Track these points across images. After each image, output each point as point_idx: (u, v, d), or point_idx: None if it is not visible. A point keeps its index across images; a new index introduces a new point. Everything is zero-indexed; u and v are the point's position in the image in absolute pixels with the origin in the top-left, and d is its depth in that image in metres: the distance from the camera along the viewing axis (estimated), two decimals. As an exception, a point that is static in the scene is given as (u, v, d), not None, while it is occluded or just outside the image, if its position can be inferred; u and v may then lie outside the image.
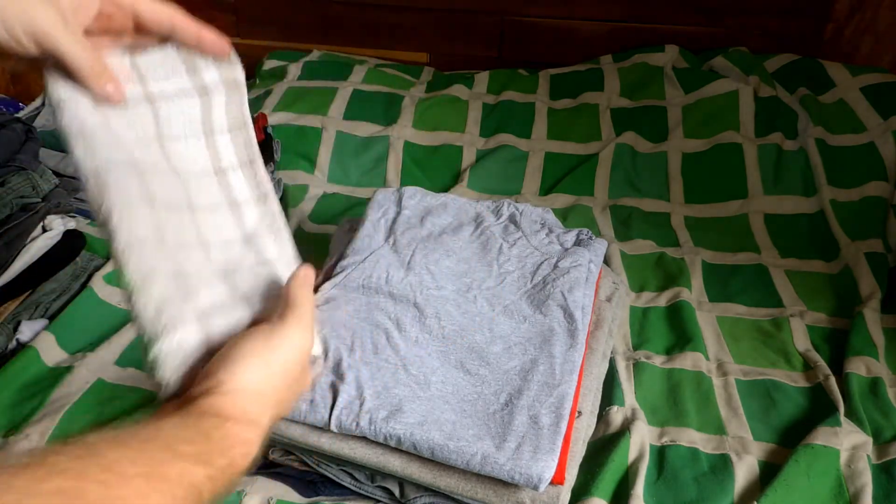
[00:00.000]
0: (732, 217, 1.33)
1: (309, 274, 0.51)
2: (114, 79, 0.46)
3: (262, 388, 0.44)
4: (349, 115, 1.51)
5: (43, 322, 1.02)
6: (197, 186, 0.49)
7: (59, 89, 0.45)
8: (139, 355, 0.98)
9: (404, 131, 1.50)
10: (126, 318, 1.05)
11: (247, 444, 0.41)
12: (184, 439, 0.37)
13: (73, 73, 0.45)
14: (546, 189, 1.42)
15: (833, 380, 0.94)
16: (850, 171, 1.33)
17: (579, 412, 0.81)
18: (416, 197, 1.09)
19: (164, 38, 0.49)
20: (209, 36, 0.49)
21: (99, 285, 1.09)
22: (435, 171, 1.46)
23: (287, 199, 1.37)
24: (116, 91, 0.47)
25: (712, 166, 1.41)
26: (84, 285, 1.09)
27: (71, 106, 0.45)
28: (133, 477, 0.31)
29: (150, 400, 0.88)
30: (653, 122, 1.50)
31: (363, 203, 1.28)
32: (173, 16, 0.48)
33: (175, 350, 0.44)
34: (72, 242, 1.13)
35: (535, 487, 0.69)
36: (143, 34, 0.49)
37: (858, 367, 0.96)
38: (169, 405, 0.42)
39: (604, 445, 0.84)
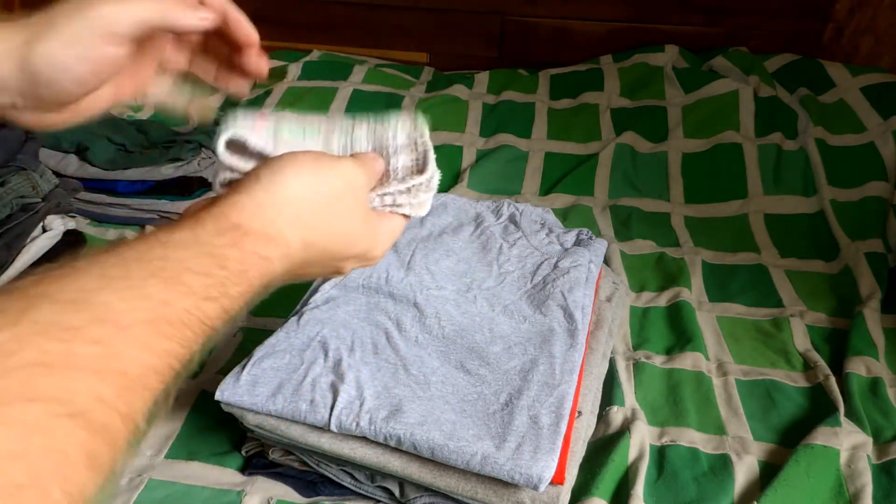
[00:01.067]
0: (732, 217, 1.33)
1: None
2: (193, 5, 0.42)
3: (296, 201, 0.38)
4: (349, 115, 1.51)
5: (43, 322, 1.02)
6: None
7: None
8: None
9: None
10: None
11: (266, 262, 0.36)
12: (195, 269, 0.32)
13: (161, 27, 0.41)
14: (546, 189, 1.42)
15: (833, 380, 0.94)
16: (850, 171, 1.33)
17: (579, 412, 0.81)
18: (416, 197, 1.09)
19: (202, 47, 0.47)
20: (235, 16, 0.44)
21: (99, 285, 1.09)
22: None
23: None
24: (209, 12, 0.42)
25: (712, 166, 1.41)
26: (84, 285, 1.09)
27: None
28: (133, 325, 0.27)
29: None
30: (653, 122, 1.50)
31: (363, 203, 1.28)
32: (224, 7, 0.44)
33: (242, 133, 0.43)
34: (72, 242, 1.13)
35: (535, 487, 0.69)
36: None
37: (858, 367, 0.96)
38: (188, 216, 0.37)
39: (604, 445, 0.84)
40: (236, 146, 0.44)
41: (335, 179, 0.41)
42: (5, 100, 0.40)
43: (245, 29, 0.45)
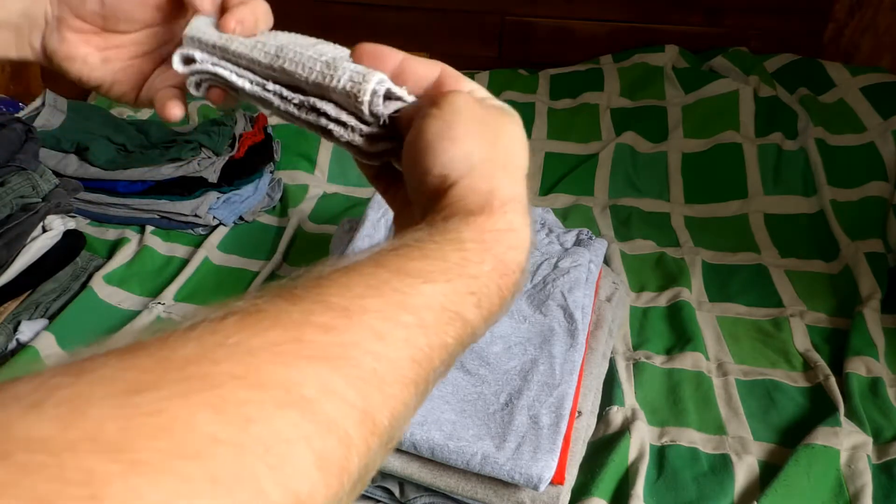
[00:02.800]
0: (732, 217, 1.33)
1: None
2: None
3: (494, 156, 0.34)
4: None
5: (43, 322, 1.02)
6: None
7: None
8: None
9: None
10: (126, 318, 1.05)
11: (512, 233, 0.33)
12: (427, 255, 0.28)
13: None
14: (546, 189, 1.42)
15: (833, 380, 0.94)
16: (850, 171, 1.33)
17: (579, 412, 0.81)
18: (416, 197, 1.09)
19: None
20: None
21: (99, 285, 1.09)
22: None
23: (287, 199, 1.37)
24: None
25: (712, 166, 1.41)
26: (84, 285, 1.09)
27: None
28: (366, 313, 0.24)
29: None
30: (653, 122, 1.50)
31: (363, 203, 1.28)
32: None
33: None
34: (72, 242, 1.13)
35: (535, 487, 0.69)
36: None
37: (858, 367, 0.96)
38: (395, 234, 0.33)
39: (604, 445, 0.84)
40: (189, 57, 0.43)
41: (477, 110, 0.36)
42: (53, 12, 0.41)
43: None
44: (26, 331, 0.99)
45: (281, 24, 0.50)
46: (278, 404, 0.20)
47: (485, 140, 0.34)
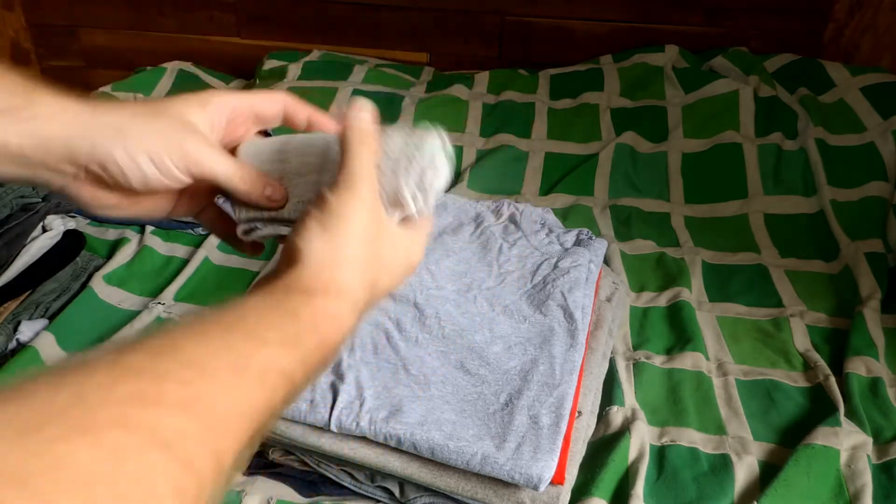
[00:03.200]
0: (732, 217, 1.33)
1: (363, 114, 0.47)
2: (270, 183, 0.47)
3: (345, 255, 0.40)
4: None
5: (43, 322, 1.02)
6: None
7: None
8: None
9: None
10: (126, 318, 1.05)
11: (338, 319, 0.38)
12: (269, 324, 0.34)
13: (230, 189, 0.46)
14: (546, 189, 1.42)
15: (833, 380, 0.94)
16: (850, 171, 1.33)
17: (579, 412, 0.81)
18: (416, 197, 1.09)
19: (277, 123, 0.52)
20: (319, 117, 0.52)
21: (99, 285, 1.09)
22: (435, 171, 1.46)
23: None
24: (275, 192, 0.48)
25: (712, 166, 1.41)
26: (84, 285, 1.09)
27: None
28: (216, 371, 0.29)
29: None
30: (653, 122, 1.50)
31: (363, 203, 1.28)
32: (286, 102, 0.50)
33: None
34: (72, 242, 1.13)
35: (535, 487, 0.69)
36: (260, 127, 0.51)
37: (858, 367, 0.96)
38: (255, 288, 0.39)
39: (604, 445, 0.84)
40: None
41: (353, 217, 0.42)
42: (70, 170, 0.42)
43: (305, 118, 0.53)
44: (26, 331, 0.99)
45: (281, 23, 0.52)
46: (147, 444, 0.23)
47: (355, 238, 0.41)
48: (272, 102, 0.50)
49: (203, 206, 0.51)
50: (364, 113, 0.46)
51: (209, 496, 0.25)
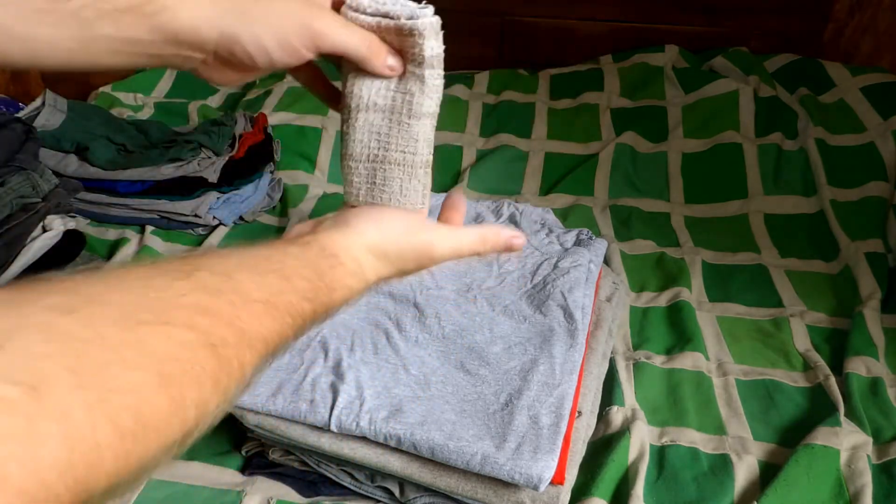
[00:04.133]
0: (732, 217, 1.33)
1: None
2: (392, 53, 0.49)
3: (375, 246, 0.46)
4: None
5: (43, 322, 1.02)
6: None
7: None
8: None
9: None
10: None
11: (348, 290, 0.44)
12: (301, 274, 0.40)
13: (356, 59, 0.47)
14: (546, 189, 1.42)
15: (833, 380, 0.94)
16: (850, 171, 1.33)
17: (579, 412, 0.81)
18: (416, 197, 1.09)
19: None
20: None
21: (99, 285, 1.09)
22: (435, 171, 1.45)
23: (287, 199, 1.37)
24: (398, 63, 0.49)
25: (712, 166, 1.41)
26: (84, 285, 1.09)
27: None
28: (255, 301, 0.36)
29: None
30: (653, 122, 1.50)
31: (363, 203, 1.28)
32: None
33: None
34: (72, 242, 1.13)
35: (535, 487, 0.69)
36: None
37: (858, 367, 0.96)
38: (301, 231, 0.47)
39: (604, 445, 0.84)
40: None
41: (405, 224, 0.49)
42: (199, 56, 0.44)
43: None
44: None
45: None
46: (202, 343, 0.31)
47: (392, 245, 0.48)
48: None
49: (304, 64, 0.51)
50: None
51: (232, 392, 0.33)
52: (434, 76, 0.50)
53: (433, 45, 0.50)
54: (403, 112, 0.50)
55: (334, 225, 0.47)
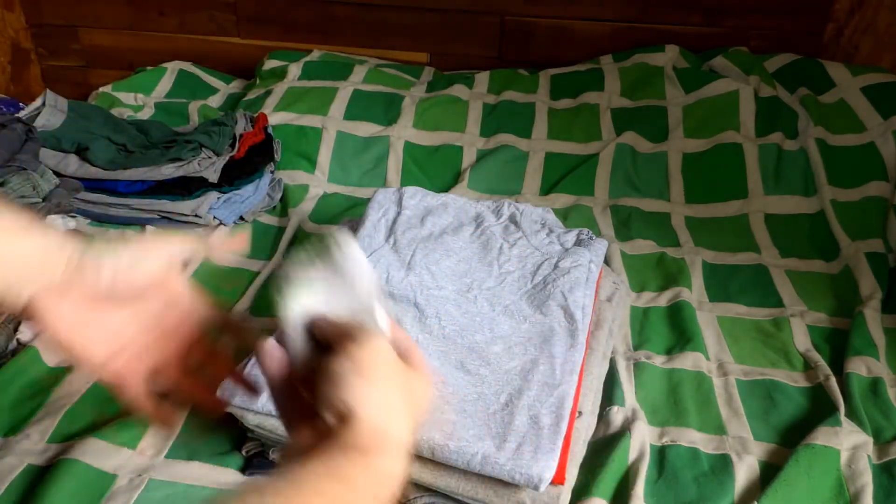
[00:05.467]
0: (732, 217, 1.33)
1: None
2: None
3: (391, 402, 0.41)
4: (349, 115, 1.51)
5: (43, 322, 1.02)
6: None
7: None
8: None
9: (405, 131, 1.50)
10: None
11: (394, 476, 0.41)
12: (322, 490, 0.36)
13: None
14: (546, 189, 1.42)
15: (833, 380, 0.94)
16: (850, 171, 1.33)
17: (580, 412, 0.81)
18: (417, 197, 1.09)
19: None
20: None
21: (99, 285, 1.09)
22: (435, 171, 1.46)
23: (287, 199, 1.37)
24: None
25: (712, 166, 1.41)
26: (84, 285, 1.09)
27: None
28: None
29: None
30: (653, 122, 1.50)
31: (363, 203, 1.28)
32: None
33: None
34: (72, 242, 1.13)
35: (536, 487, 0.69)
36: None
37: (859, 367, 0.96)
38: (311, 452, 0.39)
39: (604, 445, 0.84)
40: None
41: (391, 356, 0.43)
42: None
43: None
44: (26, 331, 0.99)
45: (281, 23, 0.51)
46: None
47: (390, 385, 0.42)
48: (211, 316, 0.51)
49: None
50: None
51: None
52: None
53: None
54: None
55: (337, 420, 0.40)
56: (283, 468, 0.37)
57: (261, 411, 0.76)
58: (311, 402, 0.42)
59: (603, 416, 0.88)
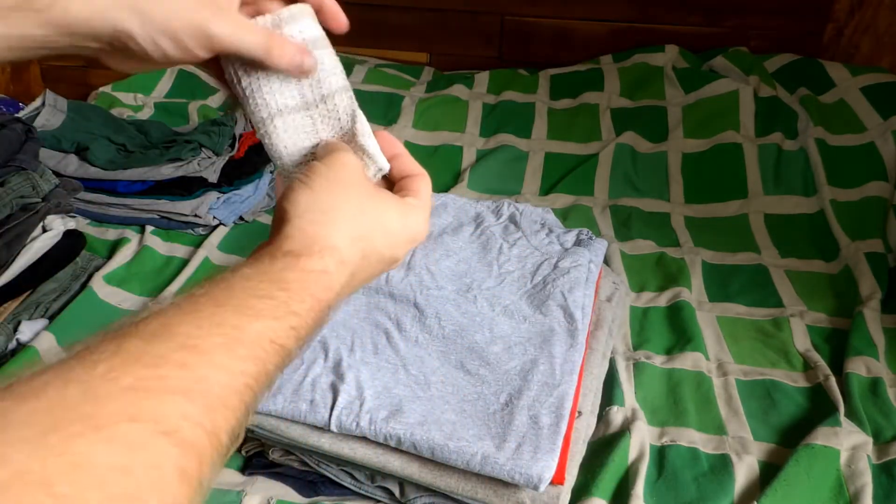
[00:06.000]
0: (732, 217, 1.33)
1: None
2: (300, 48, 0.46)
3: (328, 209, 0.41)
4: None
5: (43, 322, 1.02)
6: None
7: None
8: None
9: (404, 131, 1.50)
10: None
11: (325, 275, 0.39)
12: (258, 294, 0.35)
13: (256, 59, 0.45)
14: (546, 189, 1.42)
15: (833, 380, 0.94)
16: (850, 171, 1.33)
17: (579, 412, 0.81)
18: (416, 197, 1.09)
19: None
20: (332, 5, 0.49)
21: (99, 285, 1.09)
22: (435, 171, 1.45)
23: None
24: (307, 60, 0.46)
25: (712, 166, 1.41)
26: (84, 285, 1.09)
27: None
28: (211, 350, 0.30)
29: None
30: (653, 122, 1.50)
31: (363, 203, 1.28)
32: None
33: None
34: (72, 242, 1.13)
35: (535, 487, 0.69)
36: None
37: (858, 367, 0.96)
38: (249, 257, 0.40)
39: (604, 445, 0.84)
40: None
41: (352, 175, 0.44)
42: (96, 46, 0.42)
43: (339, 20, 0.49)
44: (26, 331, 0.99)
45: None
46: (153, 433, 0.25)
47: (339, 197, 0.42)
48: None
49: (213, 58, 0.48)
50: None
51: (209, 472, 0.27)
52: (325, 56, 0.48)
53: (304, 28, 0.47)
54: (318, 100, 0.48)
55: (275, 227, 0.42)
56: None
57: (260, 411, 0.76)
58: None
59: (603, 416, 0.88)
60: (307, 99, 0.48)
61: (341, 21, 0.49)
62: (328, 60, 0.48)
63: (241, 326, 0.32)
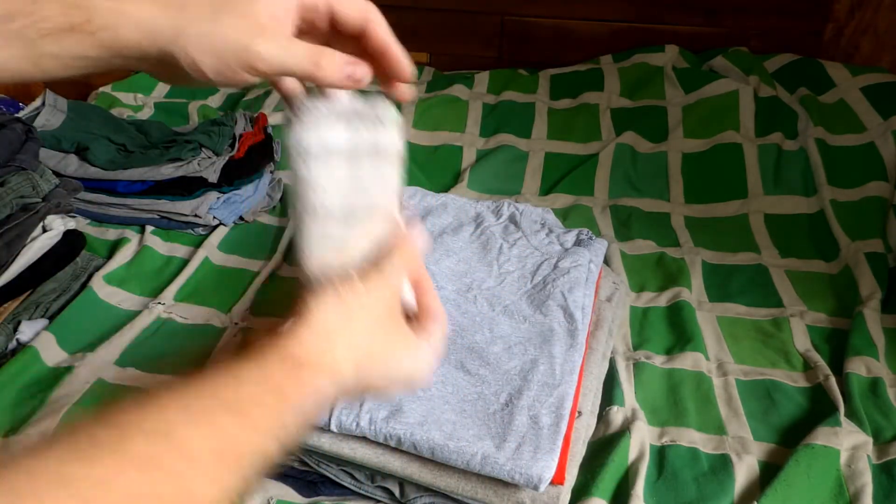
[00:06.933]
0: (732, 217, 1.33)
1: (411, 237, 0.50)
2: (352, 60, 0.43)
3: (350, 336, 0.42)
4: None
5: (43, 322, 1.02)
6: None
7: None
8: (139, 355, 0.98)
9: (404, 131, 1.50)
10: (126, 318, 1.05)
11: (321, 395, 0.39)
12: (260, 404, 0.36)
13: (303, 77, 0.44)
14: (546, 189, 1.42)
15: (833, 380, 0.94)
16: (850, 171, 1.33)
17: (579, 412, 0.81)
18: (417, 197, 1.09)
19: (356, 37, 0.46)
20: (396, 52, 0.46)
21: (99, 285, 1.09)
22: (435, 171, 1.46)
23: (287, 199, 1.37)
24: (357, 70, 0.43)
25: (712, 166, 1.41)
26: (84, 285, 1.09)
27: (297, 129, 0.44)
28: (203, 458, 0.31)
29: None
30: (653, 122, 1.50)
31: (363, 203, 1.28)
32: (368, 16, 0.45)
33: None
34: (72, 242, 1.13)
35: (536, 487, 0.69)
36: (338, 34, 0.46)
37: (858, 367, 0.96)
38: (256, 340, 0.40)
39: (604, 445, 0.84)
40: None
41: (378, 305, 0.44)
42: (147, 65, 0.43)
43: (382, 44, 0.45)
44: (26, 331, 0.99)
45: None
46: None
47: (363, 324, 0.42)
48: (354, 9, 0.44)
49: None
50: (418, 239, 0.50)
51: None
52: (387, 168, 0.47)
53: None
54: (370, 152, 0.46)
55: (298, 317, 0.41)
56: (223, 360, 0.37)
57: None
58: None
59: (603, 416, 0.88)
60: (358, 147, 0.46)
61: (405, 72, 0.46)
62: (387, 118, 0.46)
63: (238, 436, 0.34)
